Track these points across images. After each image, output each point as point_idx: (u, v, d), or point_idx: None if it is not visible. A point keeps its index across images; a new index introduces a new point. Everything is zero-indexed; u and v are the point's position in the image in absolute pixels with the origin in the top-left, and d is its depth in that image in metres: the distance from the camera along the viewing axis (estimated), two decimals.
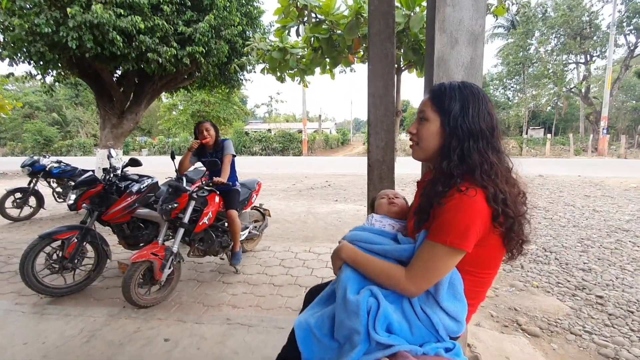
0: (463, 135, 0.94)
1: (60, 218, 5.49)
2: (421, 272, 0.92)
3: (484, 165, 0.91)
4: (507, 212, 0.89)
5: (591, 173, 10.66)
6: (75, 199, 2.77)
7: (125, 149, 27.57)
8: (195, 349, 2.01)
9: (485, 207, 0.88)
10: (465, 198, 0.87)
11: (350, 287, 0.97)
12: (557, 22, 22.87)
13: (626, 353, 2.00)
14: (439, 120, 0.98)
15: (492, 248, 0.94)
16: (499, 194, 0.88)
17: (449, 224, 0.88)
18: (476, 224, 0.87)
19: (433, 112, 0.99)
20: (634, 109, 27.40)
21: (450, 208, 0.88)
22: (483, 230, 0.89)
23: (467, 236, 0.87)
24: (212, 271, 3.21)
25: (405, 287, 0.93)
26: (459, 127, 0.94)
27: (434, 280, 0.92)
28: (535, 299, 2.69)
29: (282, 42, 3.82)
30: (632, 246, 3.86)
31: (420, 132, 1.02)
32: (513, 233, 0.92)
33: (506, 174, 0.95)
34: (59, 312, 2.46)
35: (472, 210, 0.87)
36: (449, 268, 0.91)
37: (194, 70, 5.60)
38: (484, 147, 0.94)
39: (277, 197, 7.30)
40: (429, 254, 0.91)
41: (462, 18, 1.59)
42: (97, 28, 4.10)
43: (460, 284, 0.95)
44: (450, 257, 0.90)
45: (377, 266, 1.00)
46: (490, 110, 0.96)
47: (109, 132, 5.61)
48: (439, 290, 0.92)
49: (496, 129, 0.96)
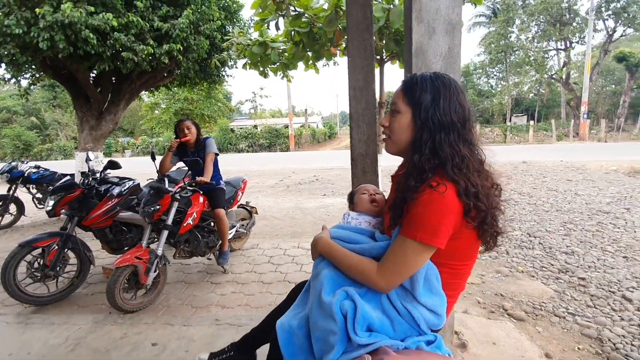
0: (434, 128, 0.92)
1: (41, 224, 5.34)
2: (392, 267, 0.92)
3: (455, 159, 0.90)
4: (479, 206, 0.88)
5: (573, 158, 10.92)
6: (53, 204, 2.68)
7: (108, 151, 26.90)
8: (184, 351, 1.99)
9: (457, 201, 0.87)
10: (436, 194, 0.86)
11: (325, 287, 0.96)
12: (537, 9, 23.16)
13: (608, 332, 2.06)
14: (410, 113, 0.96)
15: (467, 240, 0.94)
16: (470, 188, 0.88)
17: (420, 220, 0.87)
18: (447, 220, 0.87)
19: (404, 104, 0.98)
20: (613, 93, 28.13)
21: (421, 204, 0.88)
22: (455, 225, 0.89)
23: (438, 233, 0.86)
24: (200, 272, 3.17)
25: (376, 281, 0.93)
26: (429, 119, 0.92)
27: (404, 275, 0.91)
28: (521, 283, 2.75)
29: (262, 36, 3.74)
30: (613, 228, 3.97)
31: (392, 125, 1.01)
32: (486, 225, 0.91)
33: (478, 166, 0.95)
34: (43, 321, 2.41)
35: (442, 207, 0.86)
36: (420, 264, 0.91)
37: (173, 67, 5.47)
38: (455, 139, 0.92)
39: (265, 194, 7.26)
40: (400, 249, 0.91)
41: (439, 7, 1.58)
42: (69, 27, 3.95)
43: (437, 278, 0.95)
44: (420, 252, 0.89)
45: (350, 261, 1.00)
46: (462, 101, 0.95)
47: (88, 134, 5.45)
48: (415, 286, 0.92)
49: (468, 121, 0.95)
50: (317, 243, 1.12)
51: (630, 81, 23.04)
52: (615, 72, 28.00)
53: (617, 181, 6.76)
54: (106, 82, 5.57)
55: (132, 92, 5.79)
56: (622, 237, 3.66)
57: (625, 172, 7.67)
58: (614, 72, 28.16)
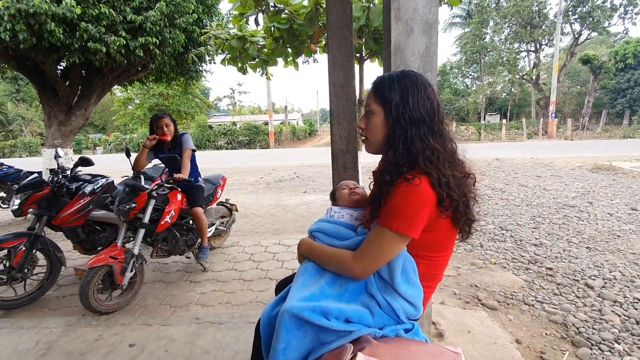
0: (405, 124, 0.96)
1: (6, 225, 5.05)
2: (367, 254, 0.95)
3: (426, 152, 0.94)
4: (451, 195, 0.92)
5: (542, 155, 11.46)
6: (19, 203, 2.54)
7: (77, 147, 25.71)
8: (163, 351, 1.95)
9: (431, 192, 0.90)
10: (411, 187, 0.90)
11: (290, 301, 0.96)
12: (509, 12, 24.01)
13: (572, 318, 2.19)
14: (382, 112, 1.00)
15: (443, 231, 0.98)
16: (442, 179, 0.91)
17: (396, 211, 0.91)
18: (423, 211, 0.90)
19: (376, 104, 1.01)
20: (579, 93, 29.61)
21: (397, 196, 0.91)
22: (430, 216, 0.93)
23: (413, 223, 0.90)
24: (179, 271, 3.11)
25: (352, 267, 0.97)
26: (400, 116, 0.96)
27: (379, 263, 0.95)
28: (494, 274, 2.87)
29: (241, 31, 3.69)
30: (577, 220, 4.22)
31: (368, 126, 1.05)
32: (459, 214, 0.95)
33: (450, 157, 0.98)
34: (10, 325, 2.30)
35: (417, 198, 0.90)
36: (395, 252, 0.94)
37: (148, 61, 5.28)
38: (425, 133, 0.96)
39: (245, 192, 7.18)
40: (376, 238, 0.94)
41: (417, 7, 1.62)
42: (33, 17, 3.74)
43: (414, 270, 0.99)
44: (395, 242, 0.93)
45: (328, 253, 1.06)
46: (430, 95, 0.98)
47: (56, 130, 5.18)
48: (392, 276, 0.96)
49: (437, 114, 0.98)
50: (300, 246, 1.19)
51: (594, 82, 24.38)
52: (580, 74, 29.50)
53: (582, 177, 7.17)
54: (76, 75, 5.31)
55: (104, 86, 5.55)
56: (586, 229, 3.89)
57: (589, 169, 8.14)
58: (579, 74, 29.66)
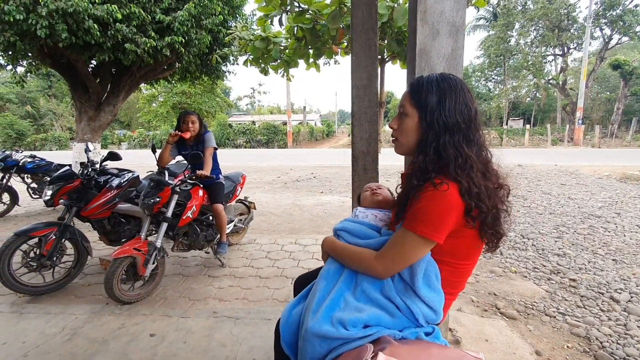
0: (439, 130, 0.93)
1: (36, 215, 5.30)
2: (390, 255, 0.95)
3: (458, 160, 0.91)
4: (480, 207, 0.89)
5: (567, 162, 11.06)
6: (51, 194, 2.67)
7: (104, 143, 26.66)
8: (182, 342, 2.01)
9: (459, 200, 0.89)
10: (438, 192, 0.88)
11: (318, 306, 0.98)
12: (536, 14, 23.33)
13: (596, 332, 2.11)
14: (417, 115, 0.98)
15: (469, 239, 0.96)
16: (472, 188, 0.89)
17: (422, 215, 0.90)
18: (449, 216, 0.89)
19: (411, 106, 0.99)
20: (608, 100, 28.44)
21: (423, 200, 0.90)
22: (456, 223, 0.91)
23: (438, 228, 0.89)
24: (197, 265, 3.19)
25: (374, 266, 0.97)
26: (435, 121, 0.94)
27: (401, 265, 0.95)
28: (513, 283, 2.80)
29: (265, 32, 3.75)
30: (604, 231, 4.05)
31: (400, 127, 1.03)
32: (487, 226, 0.93)
33: (483, 167, 0.95)
34: (38, 310, 2.41)
35: (444, 204, 0.88)
36: (418, 256, 0.94)
37: (174, 60, 5.44)
38: (459, 140, 0.93)
39: (262, 190, 7.27)
40: (401, 240, 0.94)
41: (444, 9, 1.61)
42: (71, 16, 3.92)
43: (437, 275, 0.98)
44: (420, 245, 0.92)
45: (350, 252, 1.06)
46: (468, 101, 0.95)
47: (86, 125, 5.41)
48: (414, 279, 0.95)
49: (474, 121, 0.95)
50: (323, 244, 1.19)
51: (624, 89, 23.34)
52: (610, 79, 28.32)
53: (609, 186, 6.88)
54: (106, 72, 5.54)
55: (132, 83, 5.76)
56: (613, 240, 3.73)
57: (617, 178, 7.80)
58: (609, 79, 28.48)
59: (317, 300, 0.99)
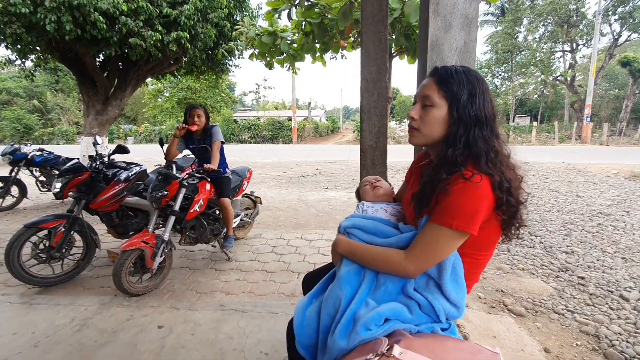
0: (470, 123, 0.92)
1: (44, 207, 5.36)
2: (422, 253, 0.92)
3: (490, 154, 0.90)
4: (510, 201, 0.89)
5: (575, 160, 10.94)
6: (61, 187, 2.69)
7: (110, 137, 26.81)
8: (190, 334, 2.02)
9: (490, 193, 0.87)
10: (470, 184, 0.86)
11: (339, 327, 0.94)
12: (545, 10, 22.98)
13: (605, 330, 2.09)
14: (446, 107, 0.95)
15: (491, 230, 0.95)
16: (504, 183, 0.88)
17: (456, 208, 0.87)
18: (482, 208, 0.87)
19: (440, 98, 0.95)
20: (617, 97, 28.02)
21: (455, 192, 0.87)
22: (487, 214, 0.89)
23: (473, 219, 0.87)
24: (204, 259, 3.20)
25: (405, 267, 0.93)
26: (467, 114, 0.92)
27: (433, 262, 0.92)
28: (521, 280, 2.78)
29: (272, 26, 3.72)
30: (613, 229, 4.01)
31: (424, 118, 0.97)
32: (514, 220, 0.92)
33: (508, 161, 0.95)
34: (48, 301, 2.44)
35: (478, 195, 0.86)
36: (451, 250, 0.92)
37: (181, 55, 5.44)
38: (489, 134, 0.93)
39: (268, 185, 7.28)
40: (432, 236, 0.91)
41: (457, 2, 1.58)
42: (77, 9, 3.92)
43: (462, 269, 0.96)
44: (454, 239, 0.90)
45: (374, 253, 1.00)
46: (491, 96, 0.96)
47: (94, 119, 5.44)
48: (442, 274, 0.93)
49: (496, 115, 0.96)
50: (337, 245, 1.10)
51: (634, 86, 22.95)
52: (619, 77, 27.88)
53: (618, 184, 6.79)
54: (113, 67, 5.55)
55: (139, 78, 5.77)
56: (622, 239, 3.69)
57: (626, 176, 7.70)
58: (617, 77, 28.03)
59: (343, 309, 0.95)
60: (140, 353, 1.87)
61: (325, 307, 0.99)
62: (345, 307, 0.95)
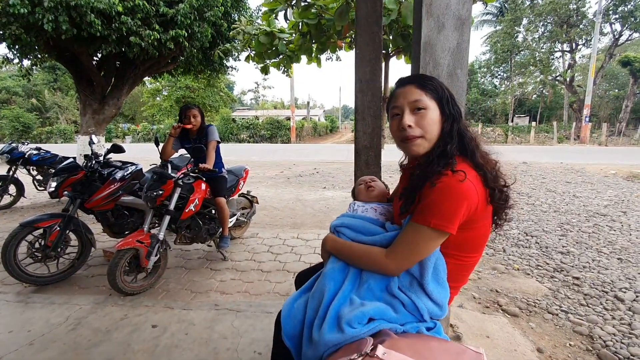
0: (457, 117, 0.99)
1: (41, 206, 5.36)
2: (402, 251, 0.93)
3: (472, 143, 0.97)
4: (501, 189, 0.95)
5: (573, 160, 10.96)
6: (56, 186, 2.69)
7: (108, 136, 26.77)
8: (184, 334, 2.03)
9: (475, 189, 0.90)
10: (454, 181, 0.87)
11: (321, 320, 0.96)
12: (544, 10, 22.98)
13: (599, 330, 2.10)
14: (437, 107, 0.98)
15: (478, 231, 0.96)
16: (488, 174, 0.93)
17: (436, 207, 0.88)
18: (462, 206, 0.87)
19: (430, 99, 0.97)
20: (616, 97, 28.05)
21: (437, 190, 0.88)
22: (469, 214, 0.90)
23: (452, 218, 0.87)
24: (200, 258, 3.21)
25: (387, 265, 0.95)
26: (453, 109, 0.99)
27: (413, 261, 0.94)
28: (516, 280, 2.79)
29: (270, 26, 3.72)
30: (609, 230, 4.02)
31: (422, 123, 0.96)
32: (501, 201, 0.96)
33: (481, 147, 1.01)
34: (43, 300, 2.44)
35: (459, 194, 0.87)
36: (431, 249, 0.93)
37: (178, 54, 5.44)
38: (464, 125, 1.00)
39: (265, 185, 7.28)
40: (412, 235, 0.92)
41: (450, 2, 1.58)
42: (74, 9, 3.92)
43: (444, 270, 0.97)
44: (432, 238, 0.91)
45: (357, 250, 1.03)
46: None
47: (90, 118, 5.43)
48: (424, 273, 0.94)
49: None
50: (325, 243, 1.14)
51: (634, 86, 22.98)
52: (619, 77, 27.91)
53: (616, 185, 6.81)
54: (110, 66, 5.54)
55: (136, 77, 5.76)
56: (618, 239, 3.70)
57: (624, 177, 7.72)
58: (617, 77, 28.06)
59: (325, 304, 0.96)
60: (134, 352, 1.87)
61: (311, 302, 1.01)
62: (328, 301, 0.96)
